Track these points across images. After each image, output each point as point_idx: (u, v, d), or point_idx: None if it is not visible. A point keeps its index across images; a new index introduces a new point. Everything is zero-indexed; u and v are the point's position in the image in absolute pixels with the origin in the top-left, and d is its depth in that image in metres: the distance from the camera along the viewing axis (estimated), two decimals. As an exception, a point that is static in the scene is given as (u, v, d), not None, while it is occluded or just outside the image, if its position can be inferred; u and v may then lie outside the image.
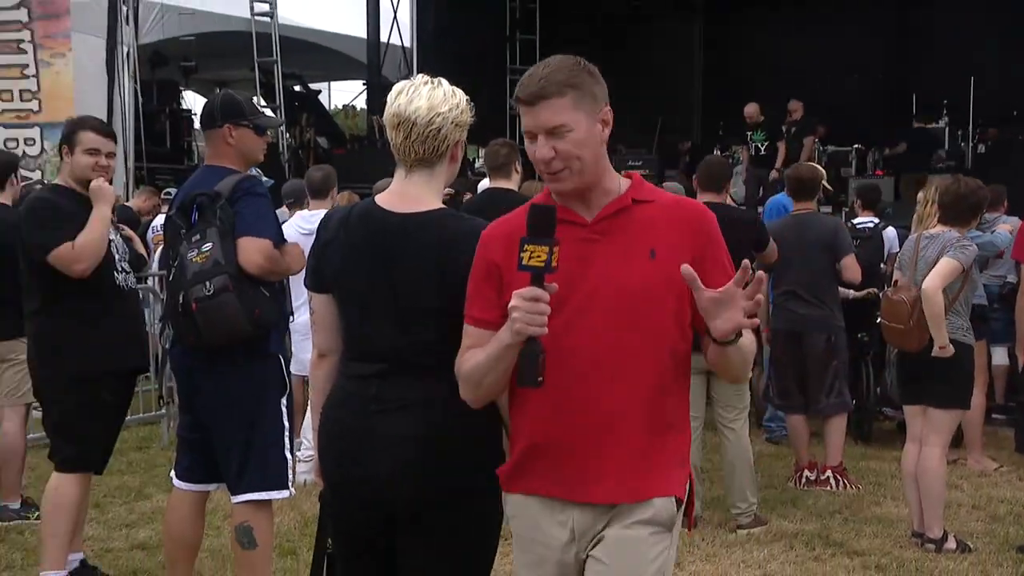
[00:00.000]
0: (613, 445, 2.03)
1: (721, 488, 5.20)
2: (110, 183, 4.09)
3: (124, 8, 11.44)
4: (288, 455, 3.82)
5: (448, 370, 2.28)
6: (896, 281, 4.68)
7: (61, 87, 11.34)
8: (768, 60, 13.62)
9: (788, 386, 5.53)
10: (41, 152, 11.13)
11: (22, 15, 11.21)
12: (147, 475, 5.75)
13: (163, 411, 6.41)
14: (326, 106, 18.63)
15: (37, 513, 4.84)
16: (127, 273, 4.15)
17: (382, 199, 2.49)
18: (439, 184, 2.49)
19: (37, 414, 4.81)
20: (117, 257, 4.04)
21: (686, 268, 1.88)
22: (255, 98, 11.26)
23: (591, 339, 2.01)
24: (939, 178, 6.60)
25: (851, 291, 5.65)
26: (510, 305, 1.89)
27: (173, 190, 9.22)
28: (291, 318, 4.52)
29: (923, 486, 4.46)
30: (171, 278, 3.63)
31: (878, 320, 4.87)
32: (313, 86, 16.66)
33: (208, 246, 3.56)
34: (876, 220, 6.44)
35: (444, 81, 2.44)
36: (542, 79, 2.01)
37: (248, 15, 12.44)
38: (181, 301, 3.52)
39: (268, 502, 3.77)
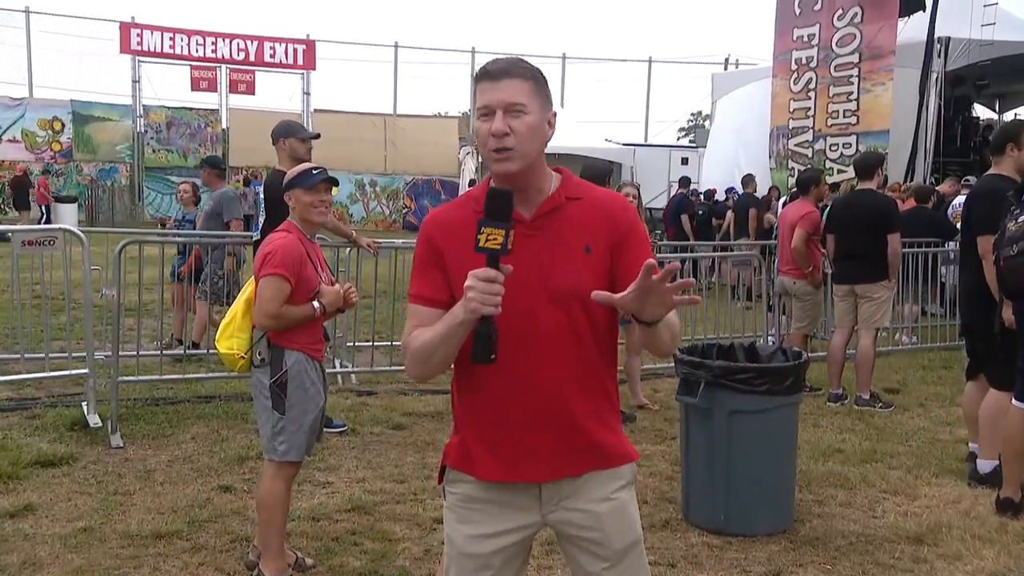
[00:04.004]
0: (560, 422, 1.99)
1: None
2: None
3: (938, 46, 14.37)
4: None
5: None
6: None
7: (879, 106, 15.06)
8: None
9: None
10: (855, 152, 14.52)
11: (854, 58, 15.44)
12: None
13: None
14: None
15: (881, 404, 6.34)
16: None
17: None
18: None
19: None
20: None
21: (596, 293, 1.83)
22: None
23: (536, 325, 1.96)
24: None
25: None
26: (466, 284, 1.80)
27: (971, 178, 11.62)
28: None
29: None
30: (994, 241, 4.10)
31: None
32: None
33: (1023, 218, 3.84)
34: None
35: None
36: (509, 62, 1.96)
37: (1042, 40, 14.13)
38: (996, 257, 3.90)
39: None
